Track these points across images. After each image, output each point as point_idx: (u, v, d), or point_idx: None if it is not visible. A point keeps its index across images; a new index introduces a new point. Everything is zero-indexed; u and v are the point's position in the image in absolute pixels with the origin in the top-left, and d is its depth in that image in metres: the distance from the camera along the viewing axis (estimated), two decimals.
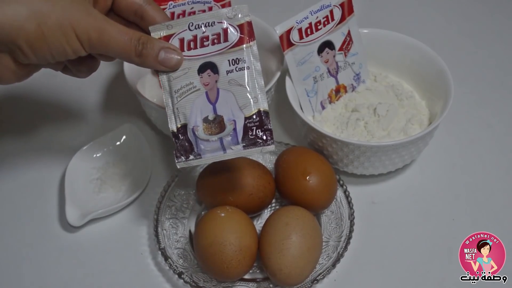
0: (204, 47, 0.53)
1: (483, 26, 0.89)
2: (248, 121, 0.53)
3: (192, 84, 0.53)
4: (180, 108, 0.53)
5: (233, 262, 0.55)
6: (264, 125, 0.53)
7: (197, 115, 0.53)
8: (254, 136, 0.53)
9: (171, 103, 0.54)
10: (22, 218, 0.66)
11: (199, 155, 0.53)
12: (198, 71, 0.53)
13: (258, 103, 0.53)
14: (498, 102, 0.77)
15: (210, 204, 0.62)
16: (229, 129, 0.53)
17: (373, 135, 0.66)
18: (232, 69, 0.53)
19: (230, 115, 0.53)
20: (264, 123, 0.53)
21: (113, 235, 0.64)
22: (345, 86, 0.71)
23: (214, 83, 0.53)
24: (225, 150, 0.53)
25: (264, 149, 0.53)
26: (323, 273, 0.57)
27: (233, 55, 0.53)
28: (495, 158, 0.71)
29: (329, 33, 0.67)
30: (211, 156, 0.53)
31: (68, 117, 0.76)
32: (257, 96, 0.53)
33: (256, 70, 0.53)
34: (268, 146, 0.53)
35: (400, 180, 0.68)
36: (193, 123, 0.53)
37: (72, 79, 0.80)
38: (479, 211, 0.65)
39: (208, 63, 0.53)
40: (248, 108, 0.53)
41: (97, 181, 0.67)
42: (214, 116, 0.53)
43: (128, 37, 0.50)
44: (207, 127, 0.53)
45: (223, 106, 0.53)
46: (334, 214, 0.63)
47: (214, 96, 0.53)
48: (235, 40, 0.53)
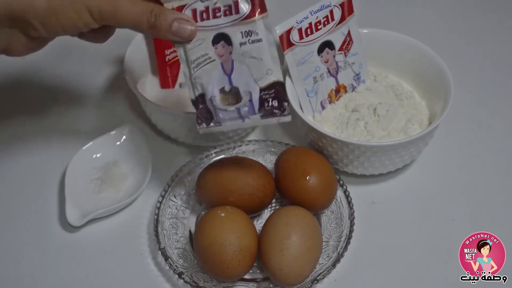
0: (217, 18, 0.53)
1: (483, 26, 0.89)
2: (263, 93, 0.54)
3: (207, 55, 0.54)
4: (197, 79, 0.54)
5: (233, 262, 0.55)
6: (280, 96, 0.53)
7: (214, 85, 0.54)
8: (271, 107, 0.54)
9: (188, 73, 0.55)
10: (22, 218, 0.66)
11: (218, 123, 0.54)
12: (213, 42, 0.54)
13: (273, 75, 0.53)
14: (498, 102, 0.77)
15: (210, 204, 0.61)
16: (245, 100, 0.54)
17: (373, 135, 0.66)
18: (245, 41, 0.53)
19: (246, 87, 0.54)
20: (280, 94, 0.53)
21: (113, 235, 0.64)
22: (345, 86, 0.71)
23: (228, 55, 0.54)
24: (244, 119, 0.54)
25: (281, 119, 0.54)
26: (323, 273, 0.57)
27: (246, 27, 0.53)
28: (495, 158, 0.71)
29: (329, 33, 0.68)
30: (230, 124, 0.54)
31: (68, 117, 0.76)
32: (272, 68, 0.53)
33: (269, 42, 0.53)
34: (284, 116, 0.53)
35: (400, 180, 0.68)
36: (210, 93, 0.54)
37: (72, 79, 0.81)
38: (479, 211, 0.65)
39: (222, 34, 0.53)
40: (263, 80, 0.54)
41: (97, 181, 0.67)
42: (230, 88, 0.54)
43: (140, 9, 0.49)
44: (224, 97, 0.54)
45: (238, 78, 0.54)
46: (334, 214, 0.63)
47: (229, 68, 0.54)
48: (246, 12, 0.53)
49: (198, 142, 0.69)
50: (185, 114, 0.65)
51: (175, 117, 0.66)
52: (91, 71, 0.82)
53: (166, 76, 0.73)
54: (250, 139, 0.70)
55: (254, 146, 0.69)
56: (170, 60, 0.72)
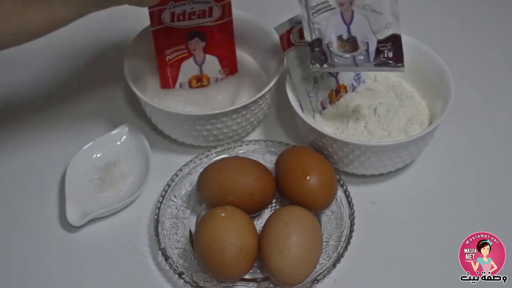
0: None
1: (483, 26, 0.88)
2: (380, 45, 0.57)
3: (327, 2, 0.57)
4: (315, 24, 0.58)
5: (233, 262, 0.55)
6: (396, 48, 0.57)
7: (332, 32, 0.58)
8: (386, 58, 0.57)
9: (306, 17, 0.58)
10: (22, 217, 0.66)
11: (332, 65, 0.59)
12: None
13: (392, 29, 0.57)
14: (499, 102, 0.77)
15: (210, 204, 0.62)
16: (362, 50, 0.58)
17: (373, 135, 0.66)
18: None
19: (364, 38, 0.58)
20: (396, 47, 0.57)
21: (113, 235, 0.64)
22: (345, 86, 0.71)
23: (349, 5, 0.57)
24: (357, 66, 0.58)
25: (394, 69, 0.57)
26: (323, 273, 0.57)
27: None
28: (495, 158, 0.71)
29: None
30: (344, 67, 0.59)
31: (68, 116, 0.76)
32: (391, 22, 0.57)
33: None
34: (398, 67, 0.57)
35: (400, 180, 0.68)
36: (328, 39, 0.58)
37: (72, 79, 0.81)
38: (479, 211, 0.65)
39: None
40: (382, 33, 0.57)
41: (97, 181, 0.67)
42: (348, 36, 0.58)
43: None
44: (341, 45, 0.58)
45: (357, 28, 0.58)
46: (334, 214, 0.63)
47: (349, 18, 0.58)
48: None
49: (198, 142, 0.69)
50: (185, 114, 0.65)
51: (175, 117, 0.66)
52: (91, 71, 0.82)
53: (166, 76, 0.73)
54: (250, 139, 0.70)
55: (254, 146, 0.69)
56: (170, 60, 0.72)
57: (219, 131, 0.67)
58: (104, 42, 0.86)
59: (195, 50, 0.73)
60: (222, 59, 0.74)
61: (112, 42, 0.85)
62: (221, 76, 0.75)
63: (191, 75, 0.74)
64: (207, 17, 0.71)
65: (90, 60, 0.83)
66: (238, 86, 0.73)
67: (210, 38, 0.72)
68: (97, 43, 0.86)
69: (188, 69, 0.74)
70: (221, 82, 0.75)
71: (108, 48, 0.84)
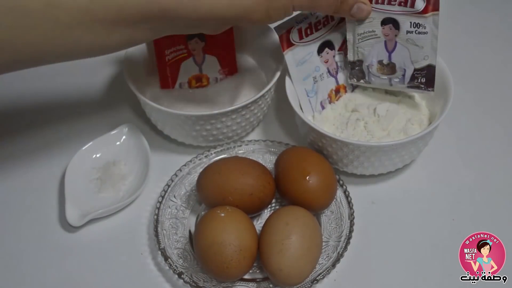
0: (391, 5, 0.62)
1: (483, 26, 0.88)
2: (416, 72, 0.64)
3: (374, 32, 0.64)
4: (359, 48, 0.66)
5: (233, 262, 0.55)
6: (429, 76, 0.64)
7: (374, 56, 0.66)
8: (419, 83, 0.65)
9: (352, 40, 0.66)
10: (22, 218, 0.66)
11: (369, 82, 0.68)
12: (382, 23, 0.64)
13: (429, 60, 0.63)
14: (498, 102, 0.77)
15: (210, 204, 0.62)
16: (399, 74, 0.65)
17: (373, 135, 0.66)
18: (412, 30, 0.63)
19: (402, 65, 0.65)
20: (430, 74, 0.63)
21: (113, 235, 0.64)
22: (345, 86, 0.71)
23: (393, 36, 0.64)
24: (392, 85, 0.67)
25: (424, 92, 0.65)
26: (323, 273, 0.57)
27: (416, 19, 0.62)
28: (495, 158, 0.70)
29: (329, 33, 0.68)
30: (379, 85, 0.68)
31: (68, 117, 0.76)
32: (429, 54, 0.63)
33: (433, 35, 0.62)
34: (429, 91, 0.65)
35: (400, 180, 0.68)
36: (369, 62, 0.66)
37: (72, 79, 0.81)
38: (479, 211, 0.65)
39: (392, 19, 0.63)
40: (419, 63, 0.64)
41: (97, 181, 0.67)
42: (388, 62, 0.65)
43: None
44: (380, 68, 0.66)
45: (398, 57, 0.65)
46: (334, 214, 0.63)
47: (391, 47, 0.64)
48: (421, 9, 0.61)
49: (198, 142, 0.69)
50: (184, 114, 0.65)
51: (175, 117, 0.66)
52: (91, 71, 0.82)
53: (166, 76, 0.73)
54: (249, 139, 0.70)
55: (254, 146, 0.69)
56: (170, 60, 0.72)
57: (218, 131, 0.67)
58: None
59: (195, 50, 0.73)
60: (221, 59, 0.74)
61: None
62: (221, 76, 0.75)
63: (190, 75, 0.74)
64: None
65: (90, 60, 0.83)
66: (237, 86, 0.74)
67: (209, 38, 0.72)
68: None
69: (187, 69, 0.74)
70: (220, 82, 0.75)
71: None
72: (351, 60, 0.68)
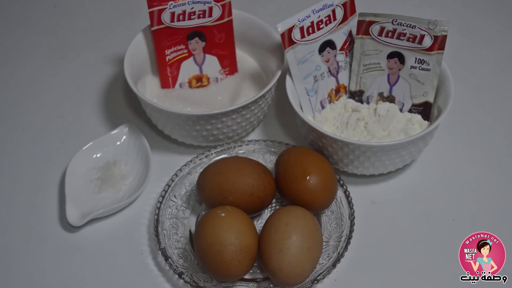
0: (399, 40, 0.65)
1: (483, 26, 0.88)
2: (414, 107, 0.67)
3: (379, 64, 0.67)
4: (363, 78, 0.69)
5: (233, 262, 0.55)
6: (425, 111, 0.67)
7: (375, 88, 0.68)
8: None
9: (357, 70, 0.69)
10: (22, 218, 0.66)
11: None
12: (388, 56, 0.67)
13: (427, 97, 0.66)
14: (498, 102, 0.77)
15: (210, 204, 0.61)
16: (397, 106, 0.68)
17: (373, 135, 0.66)
18: (416, 66, 0.66)
19: (401, 99, 0.67)
20: (426, 110, 0.67)
21: (113, 235, 0.64)
22: (345, 86, 0.71)
23: (397, 70, 0.66)
24: None
25: None
26: (323, 273, 0.57)
27: (421, 56, 0.65)
28: (495, 158, 0.70)
29: (331, 32, 0.68)
30: None
31: (68, 117, 0.76)
32: (429, 91, 0.66)
33: (435, 73, 0.65)
34: None
35: (400, 180, 0.68)
36: (370, 93, 0.69)
37: (72, 79, 0.81)
38: (479, 211, 0.65)
39: (398, 53, 0.66)
40: (418, 99, 0.67)
41: (97, 181, 0.67)
42: (388, 95, 0.68)
43: None
44: (380, 100, 0.69)
45: (398, 90, 0.67)
46: (334, 214, 0.63)
47: (394, 80, 0.67)
48: (427, 46, 0.64)
49: (198, 142, 0.69)
50: (185, 114, 0.65)
51: (175, 117, 0.66)
52: (91, 71, 0.82)
53: (166, 76, 0.73)
54: (250, 139, 0.70)
55: (254, 146, 0.69)
56: (170, 60, 0.72)
57: (219, 131, 0.67)
58: (104, 42, 0.86)
59: (195, 50, 0.73)
60: (222, 59, 0.74)
61: (112, 41, 0.85)
62: (221, 76, 0.75)
63: (191, 75, 0.74)
64: (207, 17, 0.71)
65: (90, 60, 0.83)
66: (238, 86, 0.74)
67: (210, 38, 0.72)
68: (97, 43, 0.86)
69: (188, 69, 0.74)
70: (221, 82, 0.75)
71: (108, 48, 0.84)
72: (352, 90, 0.70)
